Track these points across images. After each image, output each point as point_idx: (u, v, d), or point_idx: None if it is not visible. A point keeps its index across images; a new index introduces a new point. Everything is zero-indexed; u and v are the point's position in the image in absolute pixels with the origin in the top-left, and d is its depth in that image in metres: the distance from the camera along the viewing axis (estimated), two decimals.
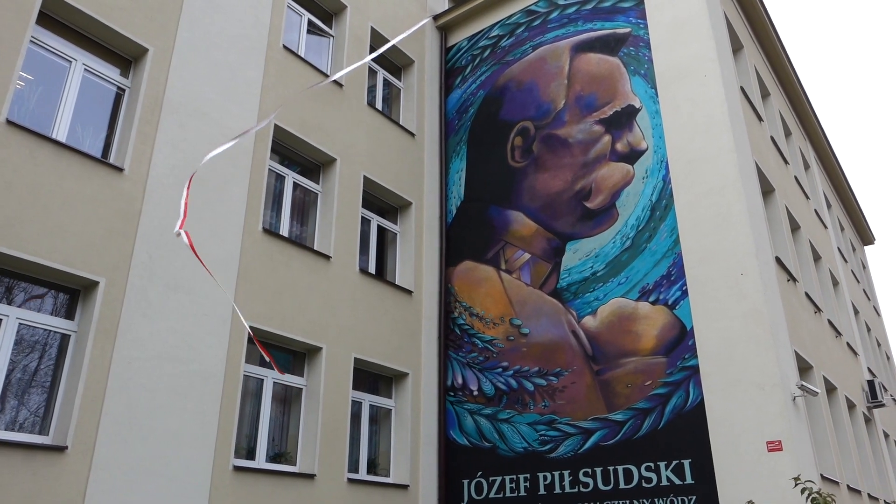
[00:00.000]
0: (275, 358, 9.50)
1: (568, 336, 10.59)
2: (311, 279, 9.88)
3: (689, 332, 9.49)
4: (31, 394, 6.98)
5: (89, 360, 7.03)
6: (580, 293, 10.72)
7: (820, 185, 18.51)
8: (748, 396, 8.76)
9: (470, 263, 12.15)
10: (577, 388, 10.23)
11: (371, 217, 11.83)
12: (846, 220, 22.91)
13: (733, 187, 9.83)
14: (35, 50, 7.76)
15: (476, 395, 11.18)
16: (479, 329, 11.56)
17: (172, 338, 7.84)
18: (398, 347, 11.07)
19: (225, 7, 9.87)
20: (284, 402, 9.51)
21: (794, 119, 17.11)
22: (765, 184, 11.62)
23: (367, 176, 11.54)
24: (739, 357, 8.97)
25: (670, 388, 9.42)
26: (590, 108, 11.80)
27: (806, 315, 11.63)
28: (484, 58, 13.80)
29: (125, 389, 7.23)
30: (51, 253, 7.01)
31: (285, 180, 10.46)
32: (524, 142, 12.42)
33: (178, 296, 8.04)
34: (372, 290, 10.93)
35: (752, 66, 13.41)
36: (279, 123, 10.15)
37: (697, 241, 9.85)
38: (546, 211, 11.64)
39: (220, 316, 8.43)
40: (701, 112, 10.51)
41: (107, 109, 8.41)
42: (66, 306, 7.39)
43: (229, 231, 8.90)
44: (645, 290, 10.11)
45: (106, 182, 7.71)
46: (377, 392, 10.95)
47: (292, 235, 10.34)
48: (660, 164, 10.68)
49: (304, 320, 9.57)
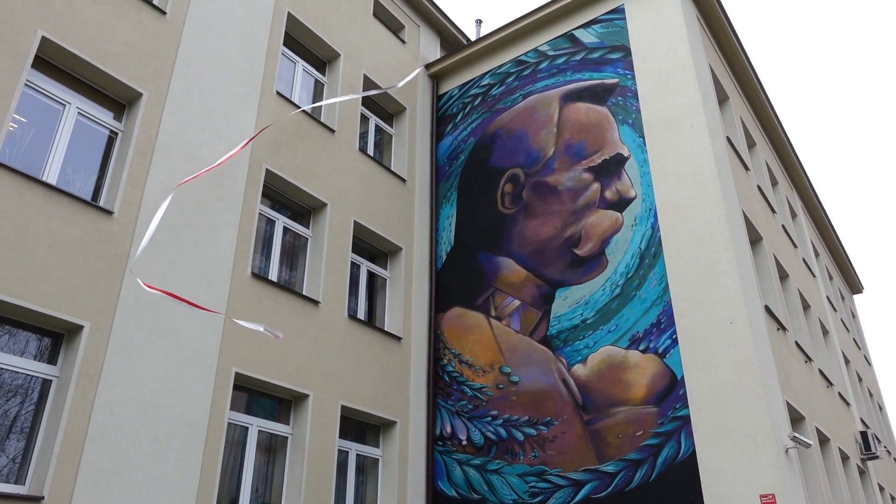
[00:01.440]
0: (261, 405, 9.38)
1: (558, 384, 10.53)
2: (299, 324, 9.82)
3: (680, 382, 9.46)
4: (8, 441, 6.83)
5: (70, 406, 6.91)
6: (570, 341, 10.70)
7: (807, 234, 18.74)
8: (740, 448, 8.69)
9: (459, 310, 12.14)
10: (567, 437, 10.13)
11: (361, 262, 11.85)
12: (834, 268, 23.13)
13: (721, 236, 9.93)
14: (29, 93, 7.84)
15: (465, 444, 11.03)
16: (468, 376, 11.48)
17: (156, 383, 7.74)
18: (386, 395, 10.96)
19: (220, 53, 10.04)
20: (269, 450, 9.35)
21: (780, 168, 17.42)
22: (752, 232, 11.76)
23: (358, 221, 11.60)
24: (730, 407, 8.94)
25: (662, 439, 9.34)
26: (579, 156, 11.98)
27: (796, 364, 11.64)
28: (475, 105, 14.05)
29: (106, 437, 7.10)
30: (35, 296, 6.96)
31: (275, 224, 10.49)
32: (514, 188, 12.55)
33: (163, 340, 7.96)
34: (360, 336, 10.87)
35: (737, 117, 13.71)
36: (270, 168, 10.23)
37: (686, 289, 9.91)
38: (536, 257, 11.70)
39: (205, 361, 8.35)
40: (688, 161, 10.68)
41: (99, 152, 8.47)
42: (48, 350, 7.30)
43: (218, 275, 8.88)
44: (635, 338, 10.11)
45: (94, 225, 7.71)
46: (364, 441, 10.80)
47: (281, 280, 10.32)
48: (648, 212, 10.80)
49: (291, 366, 9.49)
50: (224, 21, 10.31)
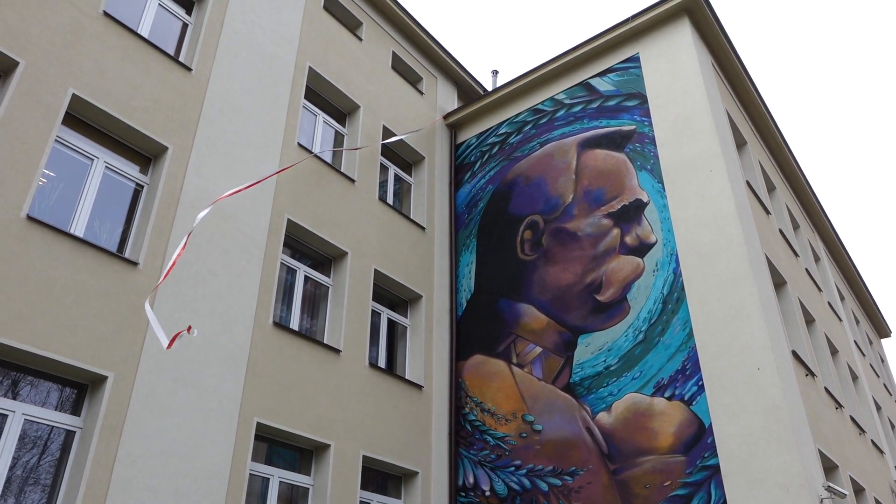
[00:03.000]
0: (282, 456, 9.28)
1: (582, 433, 10.34)
2: (320, 373, 9.79)
3: (708, 430, 9.25)
4: (30, 492, 6.80)
5: (93, 457, 6.89)
6: (594, 388, 10.55)
7: (831, 278, 18.49)
8: (773, 498, 8.42)
9: (481, 357, 12.04)
10: (593, 488, 9.89)
11: (381, 310, 11.85)
12: (860, 312, 22.73)
13: (745, 280, 9.83)
14: (59, 148, 8.06)
15: (488, 495, 10.80)
16: (490, 425, 11.31)
17: (179, 434, 7.70)
18: (407, 444, 10.81)
19: (243, 107, 10.29)
20: (290, 502, 9.21)
21: (800, 212, 17.31)
22: (776, 276, 11.63)
23: (378, 269, 11.64)
24: (761, 456, 8.70)
25: (691, 489, 9.09)
26: (598, 202, 12.01)
27: (827, 411, 11.36)
28: (493, 154, 14.20)
29: (128, 489, 7.05)
30: (61, 347, 7.02)
31: (297, 274, 10.56)
32: (533, 235, 12.57)
33: (186, 390, 7.96)
34: (381, 384, 10.79)
35: (756, 161, 13.71)
36: (291, 217, 10.35)
37: (711, 334, 9.77)
38: (557, 304, 11.63)
39: (227, 411, 8.31)
40: (708, 206, 10.66)
41: (125, 205, 8.63)
42: (72, 401, 7.32)
43: (240, 324, 8.91)
44: (660, 385, 9.94)
45: (120, 276, 7.81)
46: (386, 492, 10.61)
47: (302, 329, 10.33)
48: (670, 257, 10.74)
49: (312, 416, 9.42)
50: (247, 76, 10.59)
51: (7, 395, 6.83)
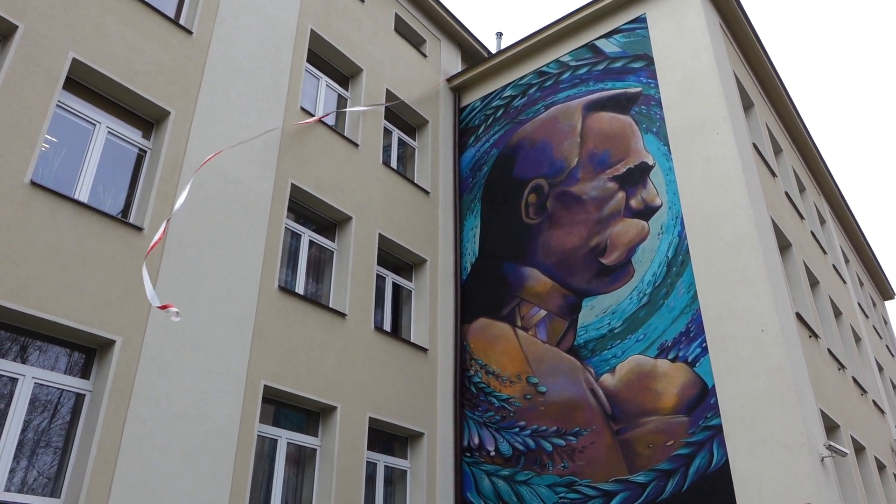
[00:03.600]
0: (289, 418, 9.39)
1: (586, 394, 10.41)
2: (326, 337, 9.84)
3: (711, 391, 9.30)
4: (43, 454, 6.91)
5: (104, 419, 6.97)
6: (598, 350, 10.59)
7: (836, 240, 18.40)
8: (775, 457, 8.50)
9: (485, 320, 12.08)
10: (596, 448, 9.99)
11: (386, 274, 11.86)
12: (865, 275, 22.67)
13: (750, 243, 9.78)
14: (60, 113, 7.99)
15: (493, 455, 10.94)
16: (495, 387, 11.40)
17: (187, 396, 7.79)
18: (413, 406, 10.92)
19: (244, 71, 10.16)
20: (298, 462, 9.35)
21: (807, 174, 17.16)
22: (781, 239, 11.57)
23: (383, 234, 11.62)
24: (764, 416, 8.76)
25: (693, 449, 9.18)
26: (603, 165, 11.90)
27: (829, 372, 11.40)
28: (497, 117, 14.05)
29: (138, 450, 7.15)
30: (68, 312, 7.05)
31: (301, 238, 10.55)
32: (538, 199, 12.50)
33: (193, 354, 8.02)
34: (387, 347, 10.86)
35: (763, 123, 13.54)
36: (295, 182, 10.30)
37: (716, 297, 9.76)
38: (561, 267, 11.62)
39: (234, 374, 8.39)
40: (715, 169, 10.56)
41: (128, 170, 8.59)
42: (81, 365, 7.38)
43: (245, 288, 8.94)
44: (664, 347, 9.97)
45: (125, 241, 7.81)
46: (392, 452, 10.76)
47: (308, 293, 10.36)
48: (675, 220, 10.68)
49: (319, 379, 9.50)
50: (249, 39, 10.44)
51: (17, 359, 6.90)
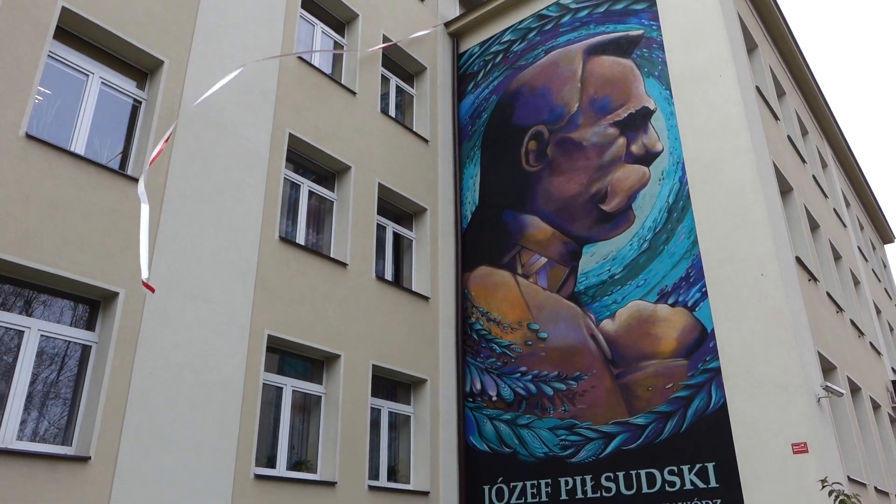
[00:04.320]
0: (293, 366, 9.51)
1: (587, 340, 10.51)
2: (327, 287, 9.88)
3: (710, 334, 9.38)
4: (52, 405, 7.01)
5: (110, 370, 7.06)
6: (598, 297, 10.64)
7: (838, 184, 18.30)
8: (772, 398, 8.64)
9: (486, 269, 12.11)
10: (597, 392, 10.14)
11: (386, 224, 11.83)
12: (865, 218, 22.63)
13: (752, 187, 9.72)
14: (52, 64, 7.84)
15: (495, 400, 11.11)
16: (496, 334, 11.50)
17: (192, 347, 7.86)
18: (416, 354, 11.04)
19: (239, 19, 9.93)
20: (304, 410, 9.51)
21: (810, 118, 16.95)
22: (783, 183, 11.50)
23: (382, 183, 11.55)
24: (762, 358, 8.86)
25: (692, 391, 9.31)
26: (604, 110, 11.74)
27: (828, 315, 11.48)
28: (496, 63, 13.80)
29: (146, 399, 7.26)
30: (70, 264, 7.06)
31: (300, 189, 10.49)
32: (538, 146, 12.38)
33: (196, 305, 8.06)
34: (388, 296, 10.92)
35: (766, 66, 13.30)
36: (293, 132, 10.18)
37: (716, 242, 9.75)
38: (562, 214, 11.58)
39: (238, 325, 8.45)
40: (717, 112, 10.42)
41: (124, 121, 8.48)
42: (86, 317, 7.43)
43: (246, 239, 8.93)
44: (664, 292, 10.01)
45: (124, 193, 7.76)
46: (396, 399, 10.93)
47: (308, 244, 10.36)
48: (676, 165, 10.59)
49: (322, 328, 9.57)
50: None
51: (22, 312, 6.94)
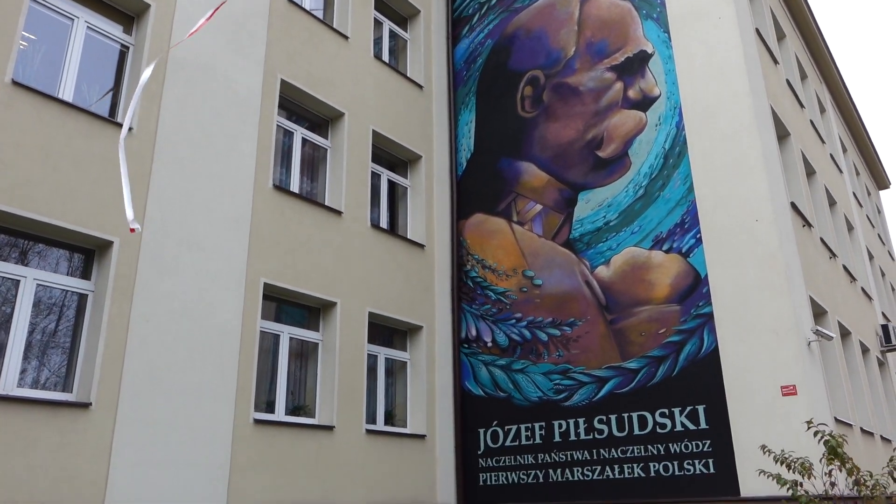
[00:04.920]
0: (290, 314, 9.58)
1: (581, 286, 10.58)
2: (323, 235, 9.87)
3: (704, 280, 9.45)
4: (51, 353, 7.08)
5: (108, 318, 7.10)
6: (593, 243, 10.66)
7: (835, 129, 18.16)
8: (763, 342, 8.76)
9: (481, 216, 12.09)
10: (590, 337, 10.27)
11: (381, 171, 11.76)
12: (861, 164, 22.55)
13: (748, 133, 9.65)
14: (36, 8, 7.63)
15: (490, 346, 11.25)
16: (491, 281, 11.57)
17: (188, 295, 7.89)
18: (412, 301, 11.12)
19: None
20: (301, 356, 9.62)
21: (809, 61, 16.70)
22: (780, 128, 11.40)
23: (376, 130, 11.42)
24: (754, 303, 8.95)
25: (684, 336, 9.43)
26: (601, 54, 11.54)
27: (821, 260, 11.54)
28: (491, 6, 13.48)
29: (145, 347, 7.32)
30: (64, 213, 7.02)
31: (294, 136, 10.37)
32: (534, 91, 12.21)
33: (191, 254, 8.06)
34: (384, 244, 10.93)
35: (767, 7, 13.02)
36: (285, 78, 10.00)
37: (712, 188, 9.73)
38: (557, 161, 11.51)
39: (234, 273, 8.47)
40: (715, 56, 10.26)
41: (112, 68, 8.31)
42: (81, 266, 7.43)
43: (240, 187, 8.87)
44: (658, 238, 10.03)
45: (115, 141, 7.64)
46: (392, 345, 11.05)
47: (303, 192, 10.30)
48: (673, 110, 10.48)
49: (318, 276, 9.61)
50: None
51: (17, 262, 6.93)
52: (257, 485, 8.04)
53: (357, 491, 9.22)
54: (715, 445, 8.85)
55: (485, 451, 10.84)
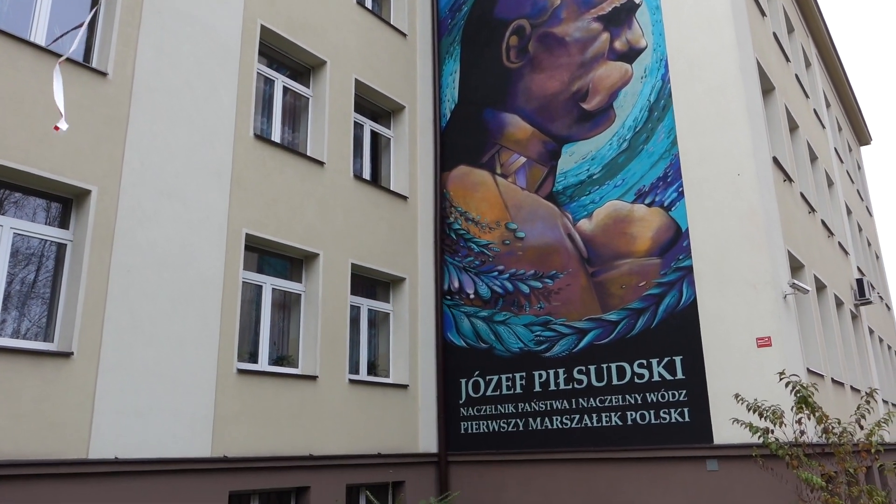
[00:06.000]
0: (272, 265, 9.57)
1: (563, 239, 10.65)
2: (305, 186, 9.80)
3: (684, 234, 9.54)
4: (32, 304, 7.04)
5: (87, 268, 7.05)
6: (576, 196, 10.69)
7: (820, 84, 18.17)
8: (740, 295, 8.92)
9: (465, 168, 12.05)
10: (572, 289, 10.38)
11: (364, 122, 11.62)
12: (844, 119, 22.65)
13: (734, 86, 9.63)
14: None
15: (472, 298, 11.35)
16: (474, 234, 11.60)
17: (169, 245, 7.84)
18: (394, 253, 11.14)
19: None
20: (284, 307, 9.65)
21: (797, 14, 16.59)
22: (765, 82, 11.38)
23: (359, 79, 11.24)
24: (733, 257, 9.08)
25: (664, 289, 9.57)
26: (588, 4, 11.37)
27: (800, 215, 11.69)
28: None
29: (126, 296, 7.30)
30: (40, 161, 6.89)
31: (275, 84, 10.18)
32: (520, 41, 12.04)
33: (172, 203, 7.98)
34: (367, 195, 10.88)
35: None
36: (265, 23, 9.77)
37: (695, 141, 9.75)
38: (542, 113, 11.43)
39: (214, 223, 8.41)
40: (703, 6, 10.16)
41: (84, 10, 8.05)
42: (59, 216, 7.34)
43: (220, 136, 8.74)
44: (641, 192, 10.08)
45: (90, 87, 7.49)
46: (375, 297, 11.11)
47: (284, 141, 10.17)
48: (659, 62, 10.40)
49: (300, 227, 9.57)
50: None
51: None
52: (241, 434, 8.15)
53: (340, 440, 9.38)
54: (690, 395, 9.08)
55: (466, 400, 11.04)
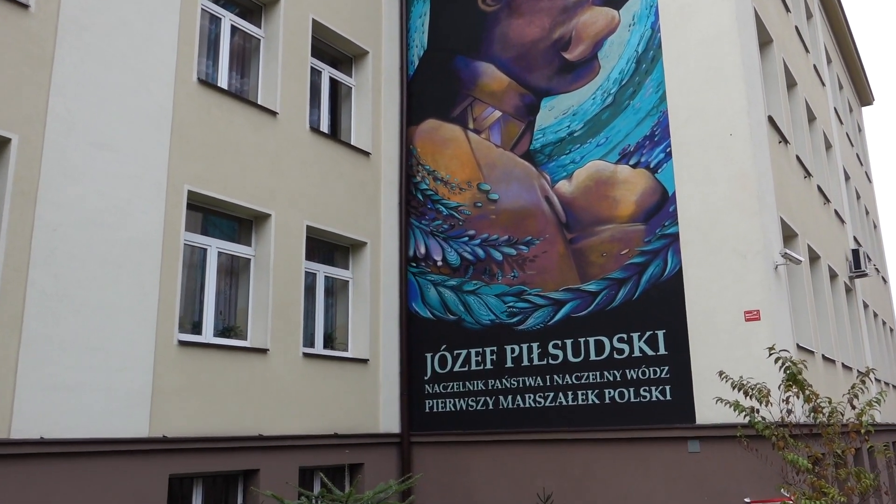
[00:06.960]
0: (218, 226, 9.43)
1: (540, 202, 10.66)
2: (255, 138, 9.63)
3: (671, 198, 9.61)
4: None
5: (7, 226, 6.85)
6: (555, 155, 10.68)
7: (821, 38, 18.30)
8: (729, 265, 9.04)
9: (434, 122, 11.94)
10: (548, 257, 10.43)
11: (322, 68, 11.41)
12: (846, 77, 22.91)
13: (729, 37, 9.63)
14: None
15: (440, 265, 11.34)
16: (443, 195, 11.55)
17: (101, 202, 7.66)
18: (355, 215, 11.06)
19: None
20: (231, 273, 9.54)
21: None
22: (763, 34, 11.41)
23: (317, 19, 11.00)
24: (722, 224, 9.17)
25: (648, 257, 9.66)
26: None
27: (795, 180, 11.85)
28: None
29: (51, 259, 7.13)
30: None
31: (222, 23, 9.92)
32: None
33: (103, 155, 7.78)
34: (325, 150, 10.74)
35: None
36: None
37: (685, 97, 9.77)
38: (520, 63, 11.34)
39: (152, 178, 8.23)
40: None
41: None
42: None
43: (159, 80, 8.51)
44: (626, 151, 10.10)
45: (10, 21, 7.20)
46: (333, 263, 11.05)
47: (232, 88, 9.95)
48: (649, 9, 10.35)
49: (250, 184, 9.43)
50: None
51: None
52: (183, 411, 8.10)
53: (293, 419, 9.39)
54: (673, 372, 9.25)
55: (432, 376, 11.11)
